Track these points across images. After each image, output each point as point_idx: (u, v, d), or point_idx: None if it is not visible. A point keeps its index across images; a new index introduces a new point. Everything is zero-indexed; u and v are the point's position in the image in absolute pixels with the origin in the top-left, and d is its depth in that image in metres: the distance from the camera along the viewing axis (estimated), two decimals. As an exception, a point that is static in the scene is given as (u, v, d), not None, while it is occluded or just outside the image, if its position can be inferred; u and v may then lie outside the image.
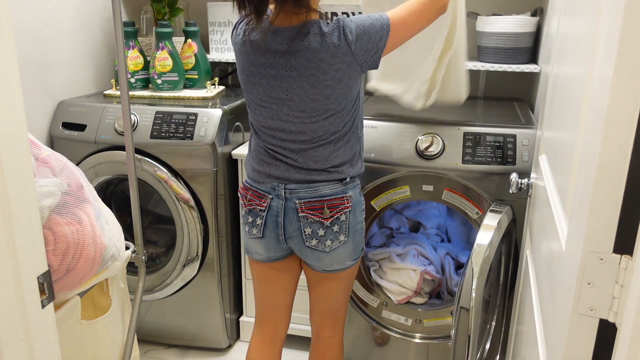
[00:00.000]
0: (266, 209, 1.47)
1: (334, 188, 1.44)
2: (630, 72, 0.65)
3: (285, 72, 1.36)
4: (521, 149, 1.79)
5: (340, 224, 1.45)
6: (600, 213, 0.70)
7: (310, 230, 1.44)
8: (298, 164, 1.44)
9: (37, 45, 2.09)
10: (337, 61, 1.34)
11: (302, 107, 1.39)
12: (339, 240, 1.46)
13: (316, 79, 1.35)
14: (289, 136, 1.43)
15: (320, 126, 1.41)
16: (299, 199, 1.43)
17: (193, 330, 2.25)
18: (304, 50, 1.33)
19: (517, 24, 2.12)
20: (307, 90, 1.36)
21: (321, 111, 1.39)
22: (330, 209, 1.43)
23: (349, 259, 1.51)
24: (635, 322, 0.66)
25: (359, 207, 1.49)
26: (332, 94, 1.37)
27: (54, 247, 1.16)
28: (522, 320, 1.40)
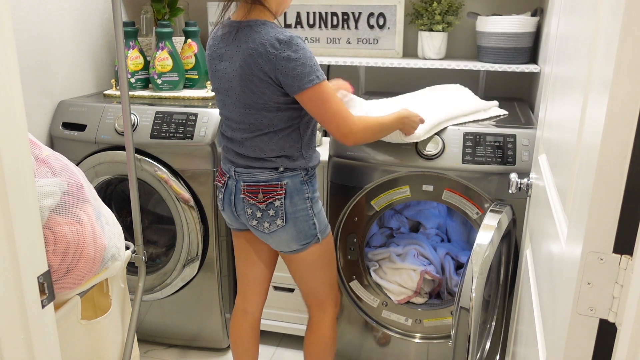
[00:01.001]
0: (224, 185, 1.62)
1: (270, 175, 1.53)
2: (630, 72, 0.65)
3: (229, 59, 1.48)
4: (521, 149, 1.79)
5: (276, 208, 1.53)
6: (600, 213, 0.70)
7: (250, 211, 1.56)
8: (241, 151, 1.55)
9: (37, 45, 2.09)
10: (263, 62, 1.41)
11: (236, 96, 1.50)
12: (276, 224, 1.55)
13: (244, 71, 1.45)
14: (235, 125, 1.55)
15: (253, 117, 1.50)
16: (244, 181, 1.56)
17: (193, 330, 2.25)
18: (243, 46, 1.44)
19: (517, 24, 2.12)
20: (238, 81, 1.47)
21: (249, 102, 1.49)
22: (264, 194, 1.53)
23: (294, 243, 1.58)
24: (635, 322, 0.66)
25: (299, 195, 1.54)
26: (255, 88, 1.45)
27: (54, 247, 1.16)
28: (522, 320, 1.40)
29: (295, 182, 1.54)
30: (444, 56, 2.32)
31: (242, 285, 1.77)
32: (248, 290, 1.76)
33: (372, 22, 2.32)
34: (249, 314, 1.77)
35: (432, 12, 2.24)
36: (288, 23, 2.42)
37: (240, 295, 1.78)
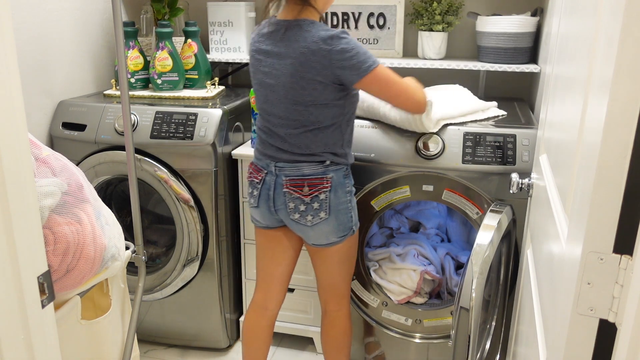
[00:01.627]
0: (261, 182, 1.64)
1: (315, 169, 1.58)
2: (630, 72, 0.65)
3: (278, 56, 1.53)
4: (521, 149, 1.79)
5: (320, 201, 1.58)
6: (600, 213, 0.70)
7: (293, 205, 1.59)
8: (284, 147, 1.59)
9: (37, 45, 2.09)
10: (317, 59, 1.48)
11: (285, 93, 1.54)
12: (319, 216, 1.59)
13: (295, 68, 1.50)
14: (278, 120, 1.58)
15: (301, 114, 1.54)
16: (286, 176, 1.59)
17: (193, 330, 2.25)
18: (294, 45, 1.49)
19: (517, 24, 2.12)
20: (288, 78, 1.51)
21: (299, 99, 1.53)
22: (310, 187, 1.57)
23: (333, 235, 1.63)
24: (635, 322, 0.66)
25: (342, 188, 1.60)
26: (306, 85, 1.51)
27: (54, 247, 1.16)
28: (522, 320, 1.40)
29: (339, 176, 1.60)
30: (444, 56, 2.32)
31: (264, 283, 1.79)
32: (271, 288, 1.78)
33: (372, 22, 2.32)
34: (269, 311, 1.79)
35: (432, 12, 2.24)
36: (288, 23, 2.42)
37: (261, 292, 1.79)
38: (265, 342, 1.82)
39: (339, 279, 1.73)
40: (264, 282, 1.79)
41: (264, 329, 1.80)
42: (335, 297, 1.76)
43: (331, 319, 1.79)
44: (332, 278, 1.73)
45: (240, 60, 2.46)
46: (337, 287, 1.75)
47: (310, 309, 2.21)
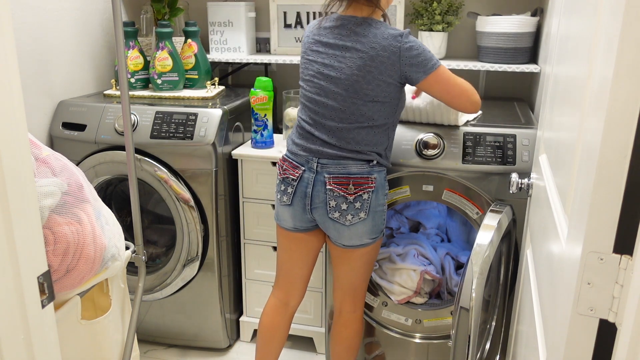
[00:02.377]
0: (298, 179, 1.62)
1: (361, 168, 1.59)
2: (630, 72, 0.65)
3: (340, 49, 1.56)
4: (521, 149, 1.79)
5: (362, 201, 1.58)
6: (600, 213, 0.70)
7: (334, 203, 1.59)
8: (332, 141, 1.58)
9: (37, 46, 2.09)
10: (386, 55, 1.52)
11: (345, 86, 1.55)
12: (359, 216, 1.59)
13: (361, 62, 1.53)
14: (331, 113, 1.58)
15: (358, 108, 1.56)
16: (329, 173, 1.58)
17: (193, 330, 2.25)
18: (363, 40, 1.53)
19: (517, 24, 2.12)
20: (351, 71, 1.54)
21: (360, 93, 1.55)
22: (355, 186, 1.57)
23: (367, 236, 1.63)
24: (635, 322, 0.66)
25: (382, 190, 1.62)
26: (372, 79, 1.53)
27: (54, 247, 1.16)
28: (522, 320, 1.40)
29: (382, 178, 1.62)
30: (444, 56, 2.32)
31: (285, 283, 1.80)
32: (293, 288, 1.80)
33: (372, 22, 2.32)
34: (290, 307, 1.81)
35: (432, 12, 2.24)
36: (288, 23, 2.42)
37: (282, 290, 1.80)
38: (285, 336, 1.84)
39: (360, 281, 1.74)
40: (287, 282, 1.80)
41: (286, 323, 1.82)
42: (352, 299, 1.77)
43: (345, 320, 1.79)
44: (355, 279, 1.73)
45: (240, 60, 2.46)
46: (357, 288, 1.75)
47: (310, 309, 2.21)
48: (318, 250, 1.78)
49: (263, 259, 2.20)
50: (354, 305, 1.78)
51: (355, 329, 1.80)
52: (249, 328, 2.32)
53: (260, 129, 2.11)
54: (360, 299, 1.78)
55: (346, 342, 1.80)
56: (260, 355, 1.84)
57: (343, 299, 1.77)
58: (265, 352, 1.83)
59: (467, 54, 2.42)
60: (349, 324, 1.79)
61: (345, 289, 1.76)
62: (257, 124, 2.11)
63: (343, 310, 1.79)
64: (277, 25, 2.43)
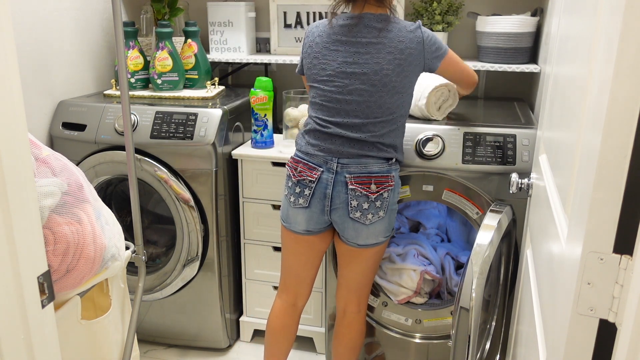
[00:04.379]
0: (316, 180, 1.60)
1: (382, 167, 1.60)
2: (630, 72, 0.65)
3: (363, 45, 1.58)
4: (521, 149, 1.79)
5: (383, 200, 1.60)
6: (600, 213, 0.70)
7: (356, 202, 1.59)
8: (355, 135, 1.59)
9: (37, 45, 2.09)
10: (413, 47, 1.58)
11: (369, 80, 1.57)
12: (378, 215, 1.61)
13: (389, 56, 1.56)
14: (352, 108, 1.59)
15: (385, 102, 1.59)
16: (350, 173, 1.58)
17: (193, 330, 2.25)
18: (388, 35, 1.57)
19: (517, 24, 2.12)
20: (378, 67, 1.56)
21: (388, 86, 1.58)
22: (377, 184, 1.58)
23: (382, 234, 1.66)
24: (635, 322, 0.66)
25: (398, 188, 1.66)
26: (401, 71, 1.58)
27: (54, 247, 1.16)
28: (522, 320, 1.40)
29: (397, 176, 1.65)
30: (444, 56, 2.32)
31: (293, 285, 1.79)
32: (301, 289, 1.80)
33: (372, 22, 2.32)
34: (298, 308, 1.82)
35: (432, 12, 2.24)
36: (288, 23, 2.42)
37: (290, 292, 1.80)
38: (292, 340, 1.84)
39: (367, 280, 1.75)
40: (294, 284, 1.79)
41: (294, 324, 1.82)
42: (358, 299, 1.77)
43: (349, 321, 1.79)
44: (363, 278, 1.74)
45: (240, 60, 2.46)
46: (363, 288, 1.76)
47: (310, 309, 2.21)
48: (324, 251, 1.78)
49: (263, 259, 2.20)
50: (358, 305, 1.78)
51: (359, 329, 1.80)
52: (249, 328, 2.32)
53: (260, 129, 2.11)
54: (365, 299, 1.79)
55: (350, 342, 1.80)
56: (270, 357, 1.84)
57: (348, 299, 1.77)
58: (275, 354, 1.83)
59: (467, 54, 2.42)
60: (353, 325, 1.79)
61: (352, 289, 1.76)
62: (257, 124, 2.11)
63: (347, 310, 1.79)
64: (277, 25, 2.43)
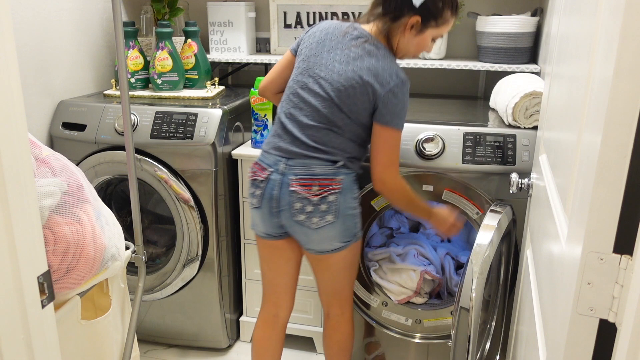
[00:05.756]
0: (266, 180, 1.58)
1: (326, 169, 1.55)
2: (630, 72, 0.65)
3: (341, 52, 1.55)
4: (521, 149, 1.79)
5: (329, 203, 1.54)
6: (600, 213, 0.70)
7: (299, 205, 1.54)
8: (301, 137, 1.56)
9: (37, 45, 2.09)
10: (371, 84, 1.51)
11: (329, 86, 1.53)
12: (325, 219, 1.54)
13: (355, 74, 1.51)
14: (301, 108, 1.56)
15: (333, 113, 1.54)
16: (294, 174, 1.54)
17: (193, 330, 2.25)
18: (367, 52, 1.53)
19: (517, 24, 2.12)
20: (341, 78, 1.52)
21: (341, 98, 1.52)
22: (320, 187, 1.53)
23: (337, 240, 1.58)
24: (635, 322, 0.66)
25: (350, 193, 1.58)
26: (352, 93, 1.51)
27: (54, 247, 1.16)
28: (522, 320, 1.40)
29: (349, 180, 1.58)
30: (444, 56, 2.32)
31: (271, 294, 1.76)
32: (280, 299, 1.75)
33: (372, 22, 2.32)
34: (281, 318, 1.77)
35: (432, 12, 2.23)
36: (288, 23, 2.42)
37: (270, 302, 1.76)
38: (280, 349, 1.79)
39: (342, 285, 1.71)
40: (273, 294, 1.76)
41: (278, 336, 1.78)
42: (338, 302, 1.73)
43: (334, 323, 1.76)
44: (336, 284, 1.70)
45: (240, 60, 2.46)
46: (340, 292, 1.72)
47: (310, 309, 2.21)
48: (298, 259, 1.73)
49: (263, 259, 2.20)
50: (341, 308, 1.74)
51: (345, 331, 1.76)
52: (249, 328, 2.32)
53: (260, 129, 2.11)
54: (347, 301, 1.75)
55: (337, 345, 1.77)
56: None
57: (329, 302, 1.74)
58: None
59: (467, 54, 2.42)
60: (338, 327, 1.76)
61: (329, 294, 1.73)
62: (257, 124, 2.11)
63: (331, 313, 1.76)
64: (277, 25, 2.43)
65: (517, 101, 1.78)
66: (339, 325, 1.76)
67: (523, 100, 1.78)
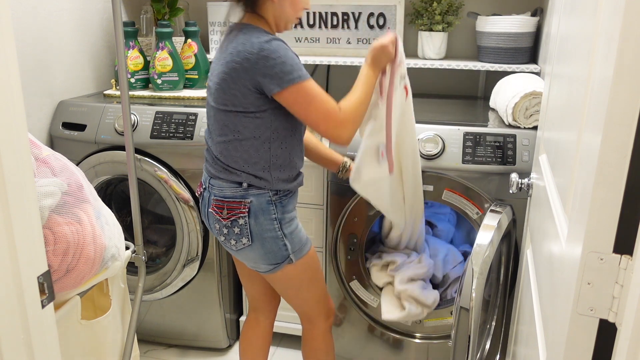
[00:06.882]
0: (201, 196, 1.57)
1: (234, 191, 1.46)
2: (630, 72, 0.65)
3: (218, 59, 1.46)
4: (521, 149, 1.79)
5: (240, 227, 1.46)
6: (600, 213, 0.70)
7: (217, 226, 1.50)
8: (209, 157, 1.52)
9: (37, 45, 2.09)
10: (238, 62, 1.36)
11: (213, 95, 1.45)
12: (242, 242, 1.47)
13: (223, 69, 1.40)
14: (210, 127, 1.51)
15: (222, 119, 1.44)
16: (214, 195, 1.50)
17: (193, 330, 2.25)
18: (229, 43, 1.42)
19: (517, 24, 2.12)
20: (217, 79, 1.43)
21: (221, 102, 1.42)
22: (228, 210, 1.46)
23: (262, 262, 1.50)
24: (635, 322, 0.66)
25: (264, 215, 1.45)
26: (227, 88, 1.39)
27: (54, 247, 1.16)
28: (522, 320, 1.40)
29: (261, 202, 1.45)
30: (444, 56, 2.32)
31: (251, 301, 1.76)
32: (257, 304, 1.74)
33: (372, 22, 2.32)
34: (261, 324, 1.76)
35: (432, 12, 2.24)
36: (288, 23, 2.41)
37: (251, 306, 1.76)
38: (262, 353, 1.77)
39: (299, 302, 1.64)
40: (251, 300, 1.76)
41: (259, 339, 1.76)
42: (304, 317, 1.68)
43: (305, 337, 1.72)
44: (292, 301, 1.64)
45: (240, 60, 2.45)
46: (300, 307, 1.66)
47: (310, 309, 2.21)
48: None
49: (263, 259, 2.20)
50: (308, 322, 1.68)
51: (316, 345, 1.69)
52: (249, 328, 2.32)
53: (260, 129, 2.11)
54: (314, 315, 1.65)
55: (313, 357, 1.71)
56: None
57: (299, 315, 1.69)
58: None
59: (467, 54, 2.42)
60: (309, 340, 1.70)
61: (293, 307, 1.67)
62: (257, 124, 2.11)
63: (303, 326, 1.71)
64: (277, 25, 2.43)
65: (517, 101, 1.78)
66: (310, 339, 1.70)
67: (523, 100, 1.78)
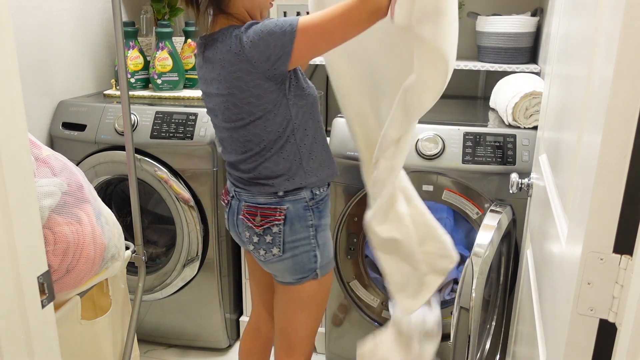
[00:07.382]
0: (228, 205, 1.47)
1: (268, 198, 1.37)
2: (630, 72, 0.65)
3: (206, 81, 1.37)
4: (521, 149, 1.79)
5: (273, 235, 1.36)
6: (600, 213, 0.70)
7: (247, 234, 1.41)
8: (237, 173, 1.43)
9: (37, 45, 2.09)
10: (237, 69, 1.26)
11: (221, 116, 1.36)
12: (272, 252, 1.38)
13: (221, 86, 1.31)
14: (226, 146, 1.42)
15: (241, 135, 1.35)
16: (245, 201, 1.41)
17: (193, 330, 2.25)
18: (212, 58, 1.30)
19: (517, 24, 2.12)
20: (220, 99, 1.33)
21: (234, 119, 1.33)
22: (262, 217, 1.37)
23: (289, 276, 1.40)
24: (635, 322, 0.66)
25: (301, 222, 1.37)
26: (238, 102, 1.30)
27: (54, 247, 1.16)
28: (522, 320, 1.40)
29: (298, 208, 1.36)
30: (444, 56, 2.32)
31: (254, 306, 1.70)
32: (261, 312, 1.68)
33: (372, 22, 2.32)
34: (262, 333, 1.69)
35: (432, 12, 2.23)
36: (288, 23, 2.42)
37: (254, 313, 1.70)
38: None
39: (295, 325, 1.48)
40: (256, 306, 1.69)
41: (259, 350, 1.70)
42: (285, 346, 1.50)
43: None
44: (287, 320, 1.48)
45: (240, 60, 2.45)
46: (290, 333, 1.49)
47: (310, 309, 2.21)
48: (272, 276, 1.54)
49: (263, 259, 2.20)
50: (287, 355, 1.50)
51: None
52: (249, 328, 2.32)
53: (260, 129, 2.11)
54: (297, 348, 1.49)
55: None
56: None
57: (276, 341, 1.53)
58: None
59: (467, 54, 2.42)
60: None
61: (278, 329, 1.51)
62: (257, 124, 2.11)
63: (275, 353, 1.55)
64: (277, 25, 2.43)
65: (517, 101, 1.78)
66: None
67: (523, 100, 1.78)
